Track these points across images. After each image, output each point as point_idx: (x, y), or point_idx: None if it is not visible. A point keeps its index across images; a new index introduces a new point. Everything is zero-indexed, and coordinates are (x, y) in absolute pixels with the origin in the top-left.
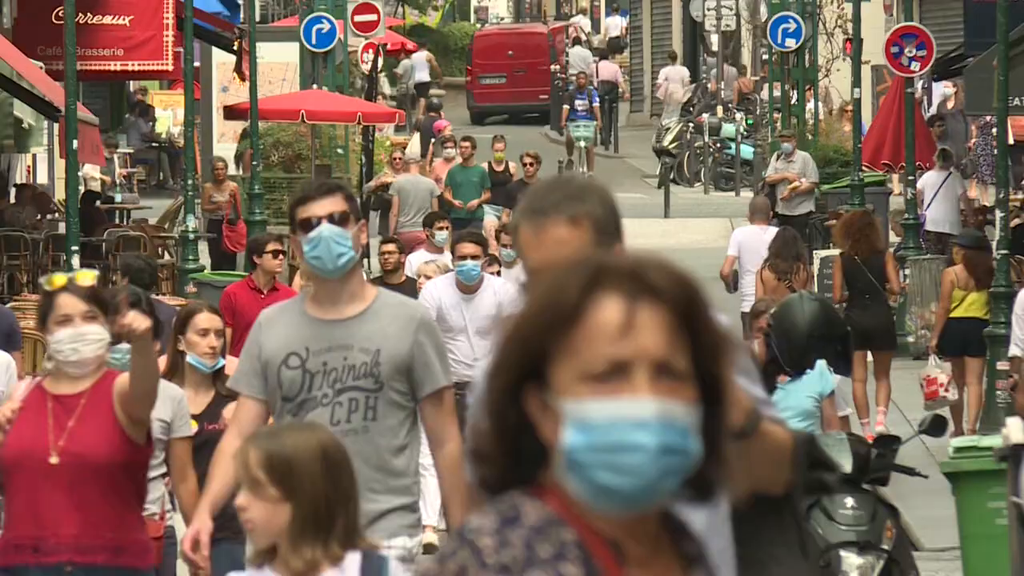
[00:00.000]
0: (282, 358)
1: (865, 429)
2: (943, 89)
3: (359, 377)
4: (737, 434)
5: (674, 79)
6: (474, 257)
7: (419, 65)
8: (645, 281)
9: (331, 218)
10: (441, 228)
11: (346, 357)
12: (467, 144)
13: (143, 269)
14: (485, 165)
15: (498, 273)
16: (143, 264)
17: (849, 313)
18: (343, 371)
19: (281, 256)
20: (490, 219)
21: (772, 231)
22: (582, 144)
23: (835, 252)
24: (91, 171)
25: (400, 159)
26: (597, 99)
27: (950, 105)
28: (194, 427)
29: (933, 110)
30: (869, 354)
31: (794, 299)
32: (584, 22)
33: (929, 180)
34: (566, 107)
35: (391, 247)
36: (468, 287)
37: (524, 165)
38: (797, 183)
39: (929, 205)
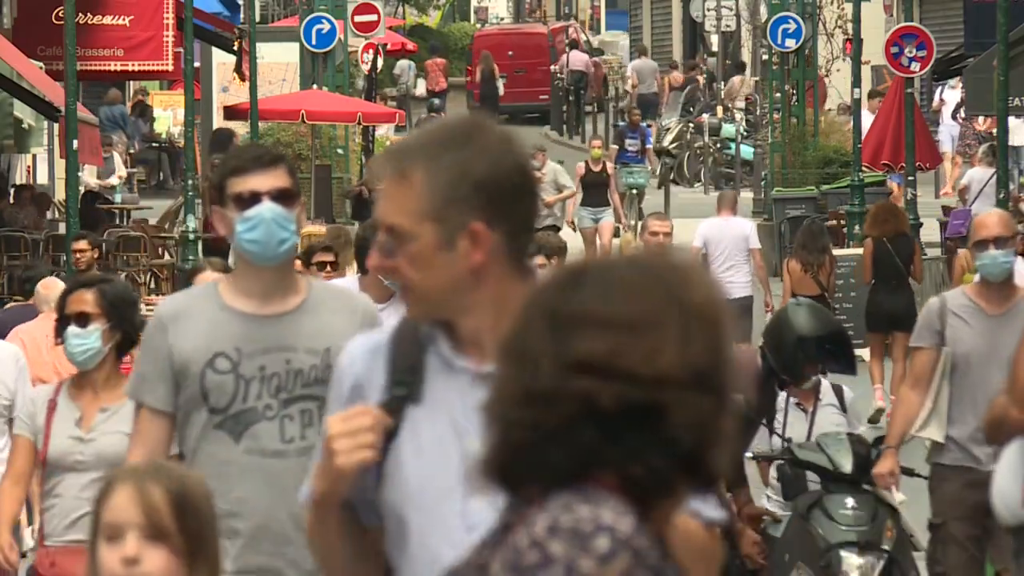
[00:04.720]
0: (206, 360)
1: (878, 392)
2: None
3: (309, 384)
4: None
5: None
6: None
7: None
8: None
9: (273, 195)
10: None
11: (289, 360)
12: None
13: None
14: (582, 164)
15: None
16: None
17: (876, 297)
18: (288, 377)
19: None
20: (607, 222)
21: (736, 221)
22: (635, 193)
23: (841, 252)
24: (111, 180)
25: None
26: (651, 140)
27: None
28: None
29: (948, 111)
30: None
31: (785, 307)
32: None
33: (975, 175)
34: (614, 146)
35: (83, 244)
36: None
37: None
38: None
39: (974, 200)
